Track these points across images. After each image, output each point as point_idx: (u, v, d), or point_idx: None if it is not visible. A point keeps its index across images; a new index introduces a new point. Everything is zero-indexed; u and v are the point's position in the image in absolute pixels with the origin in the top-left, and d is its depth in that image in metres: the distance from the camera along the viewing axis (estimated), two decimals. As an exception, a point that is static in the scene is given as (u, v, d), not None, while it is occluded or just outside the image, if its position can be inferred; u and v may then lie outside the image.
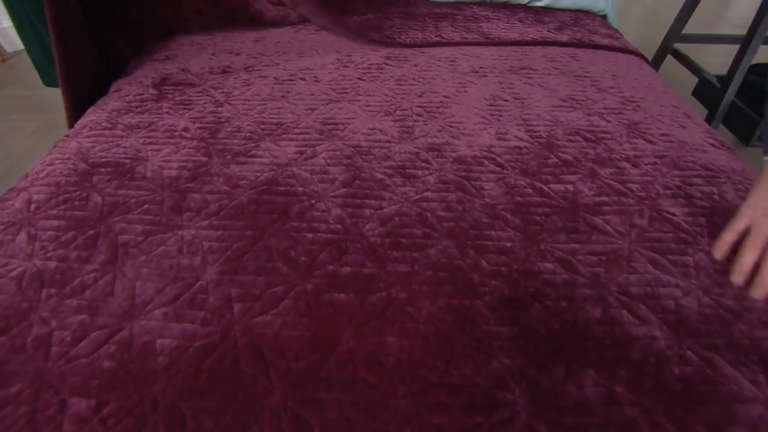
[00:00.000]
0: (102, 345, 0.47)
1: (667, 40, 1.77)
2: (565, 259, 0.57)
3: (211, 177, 0.67)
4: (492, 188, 0.66)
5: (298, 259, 0.56)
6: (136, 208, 0.62)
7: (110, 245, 0.58)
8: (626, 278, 0.55)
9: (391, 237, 0.58)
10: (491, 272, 0.55)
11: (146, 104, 0.84)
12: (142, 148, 0.73)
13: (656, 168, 0.71)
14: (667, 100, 0.88)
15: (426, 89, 0.87)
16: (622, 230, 0.61)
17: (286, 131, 0.76)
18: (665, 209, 0.64)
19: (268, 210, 0.62)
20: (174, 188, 0.65)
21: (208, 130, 0.77)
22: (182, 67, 0.95)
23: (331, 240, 0.58)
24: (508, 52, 1.01)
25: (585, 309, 0.52)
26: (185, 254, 0.57)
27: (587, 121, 0.80)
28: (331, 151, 0.72)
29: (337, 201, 0.63)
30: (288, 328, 0.49)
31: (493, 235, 0.59)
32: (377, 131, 0.76)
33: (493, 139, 0.75)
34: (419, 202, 0.63)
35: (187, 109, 0.83)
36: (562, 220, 0.62)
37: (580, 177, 0.69)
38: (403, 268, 0.55)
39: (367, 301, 0.52)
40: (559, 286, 0.54)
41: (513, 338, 0.49)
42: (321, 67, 0.95)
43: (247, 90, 0.87)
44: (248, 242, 0.58)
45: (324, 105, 0.83)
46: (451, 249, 0.57)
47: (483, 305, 0.52)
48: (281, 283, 0.53)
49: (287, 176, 0.67)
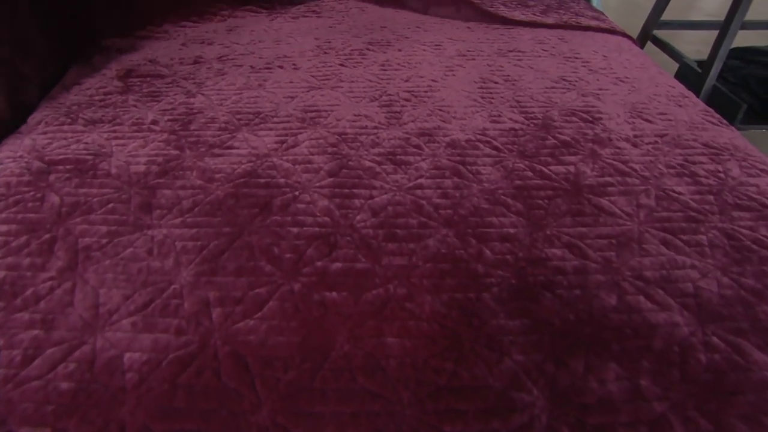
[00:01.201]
0: (59, 363, 0.41)
1: (646, 26, 1.77)
2: (574, 244, 0.53)
3: (183, 171, 0.61)
4: (490, 172, 0.61)
5: (283, 256, 0.50)
6: (99, 208, 0.56)
7: (69, 250, 0.51)
8: (639, 261, 0.52)
9: (384, 228, 0.53)
10: (496, 261, 0.51)
11: (110, 97, 0.77)
12: (106, 143, 0.67)
13: (657, 147, 0.68)
14: (662, 80, 0.85)
15: (412, 74, 0.83)
16: (630, 211, 0.57)
17: (265, 120, 0.71)
18: (671, 188, 0.61)
19: (247, 204, 0.56)
20: (142, 185, 0.59)
21: (180, 122, 0.70)
22: (150, 58, 0.88)
23: (318, 234, 0.53)
24: (495, 36, 0.97)
25: (599, 297, 0.48)
26: (156, 256, 0.51)
27: (582, 101, 0.76)
28: (315, 140, 0.66)
29: (323, 192, 0.58)
30: (274, 334, 0.44)
31: (495, 221, 0.55)
32: (363, 117, 0.71)
33: (486, 121, 0.71)
34: (413, 189, 0.58)
35: (155, 101, 0.76)
36: (566, 202, 0.58)
37: (580, 158, 0.65)
38: (400, 261, 0.50)
39: (363, 299, 0.46)
40: (570, 273, 0.50)
41: (525, 332, 0.45)
42: (300, 55, 0.89)
43: (221, 80, 0.81)
44: (226, 240, 0.52)
45: (304, 92, 0.77)
46: (451, 238, 0.53)
47: (490, 298, 0.47)
48: (265, 284, 0.48)
49: (267, 167, 0.61)
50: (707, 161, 0.66)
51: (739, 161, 0.66)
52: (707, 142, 0.70)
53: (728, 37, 1.43)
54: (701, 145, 0.69)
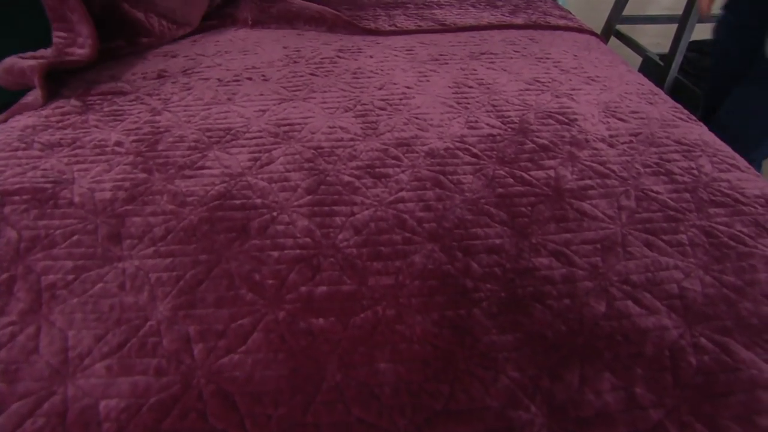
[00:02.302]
0: (25, 419, 0.38)
1: (609, 22, 1.81)
2: (560, 251, 0.53)
3: (153, 196, 0.58)
4: (471, 181, 0.61)
5: (265, 283, 0.48)
6: (63, 241, 0.52)
7: (31, 290, 0.48)
8: (625, 265, 0.52)
9: (368, 246, 0.52)
10: (484, 275, 0.50)
11: (68, 118, 0.73)
12: (67, 168, 0.63)
13: (633, 147, 0.69)
14: (631, 77, 0.87)
15: (385, 81, 0.81)
16: (612, 214, 0.58)
17: (236, 137, 0.68)
18: (649, 188, 0.62)
19: (223, 229, 0.53)
20: (109, 213, 0.56)
21: (146, 142, 0.67)
22: (110, 74, 0.84)
23: (300, 256, 0.51)
24: (466, 38, 0.97)
25: (589, 304, 0.48)
26: (129, 291, 0.48)
27: (557, 103, 0.77)
28: (290, 155, 0.64)
29: (302, 211, 0.56)
30: (261, 368, 0.42)
31: (480, 232, 0.54)
32: (338, 129, 0.69)
33: (463, 128, 0.70)
34: (394, 203, 0.57)
35: (118, 120, 0.72)
36: (549, 208, 0.58)
37: (559, 161, 0.65)
38: (387, 280, 0.49)
39: (351, 324, 0.45)
40: (559, 282, 0.50)
41: (518, 347, 0.44)
42: (268, 65, 0.86)
43: (188, 95, 0.78)
44: (204, 269, 0.49)
45: (276, 105, 0.75)
46: (437, 253, 0.52)
47: (481, 313, 0.47)
48: (248, 314, 0.45)
49: (242, 187, 0.59)
50: (681, 158, 0.67)
51: (710, 157, 0.68)
52: (679, 139, 0.71)
53: (687, 30, 1.48)
54: (674, 142, 0.70)
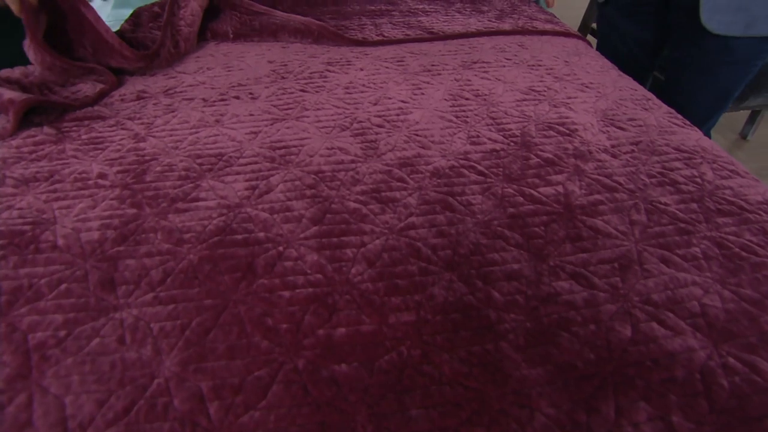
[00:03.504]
0: None
1: (585, 20, 1.83)
2: (579, 273, 0.52)
3: (146, 234, 0.54)
4: (481, 202, 0.59)
5: (279, 328, 0.45)
6: (49, 292, 0.48)
7: (18, 351, 0.43)
8: (644, 284, 0.51)
9: (384, 280, 0.49)
10: (506, 304, 0.48)
11: (42, 148, 0.68)
12: (46, 207, 0.58)
13: (635, 156, 0.68)
14: (623, 82, 0.86)
15: (380, 95, 0.79)
16: (624, 229, 0.57)
17: (230, 163, 0.64)
18: (657, 200, 0.61)
19: (227, 268, 0.50)
20: (99, 256, 0.51)
21: (132, 173, 0.62)
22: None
23: (314, 295, 0.48)
24: (455, 46, 0.95)
25: (614, 329, 0.47)
26: (130, 345, 0.44)
27: (555, 113, 0.76)
28: (289, 182, 0.61)
29: (309, 244, 0.53)
30: (286, 424, 0.39)
31: (497, 258, 0.52)
32: (337, 151, 0.66)
33: (466, 144, 0.68)
34: (406, 230, 0.55)
35: (99, 149, 0.67)
36: (562, 227, 0.57)
37: (566, 176, 0.64)
38: (408, 317, 0.46)
39: (376, 368, 0.42)
40: (582, 307, 0.49)
41: (551, 380, 0.43)
42: (255, 82, 0.83)
43: (172, 117, 0.73)
44: (211, 315, 0.46)
45: (268, 126, 0.71)
46: (456, 283, 0.50)
47: (508, 346, 0.45)
48: (264, 364, 0.42)
49: (242, 220, 0.56)
50: (683, 167, 0.67)
51: (710, 164, 0.68)
52: (678, 146, 0.71)
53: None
54: (674, 149, 0.70)
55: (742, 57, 0.89)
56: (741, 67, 0.91)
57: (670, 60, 1.00)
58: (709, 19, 0.86)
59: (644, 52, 1.05)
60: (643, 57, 1.05)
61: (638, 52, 1.05)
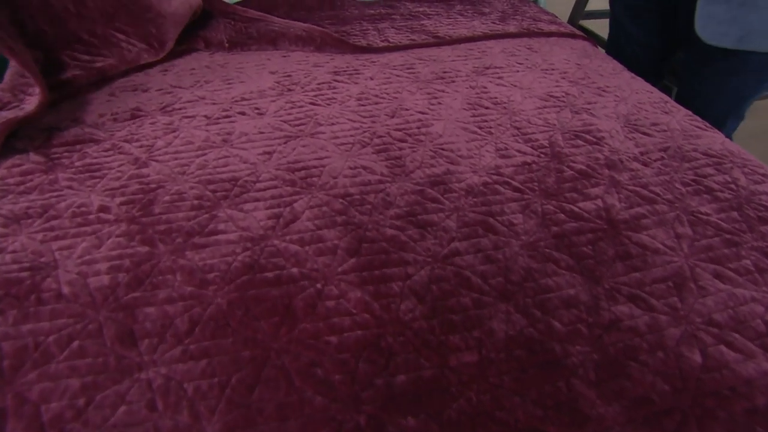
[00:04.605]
0: None
1: (573, 18, 1.82)
2: (636, 295, 0.49)
3: (163, 276, 0.48)
4: (522, 221, 0.56)
5: (332, 380, 0.40)
6: (60, 351, 0.42)
7: (31, 428, 0.37)
8: (703, 303, 0.49)
9: (437, 316, 0.45)
10: (569, 334, 0.45)
11: (31, 178, 0.61)
12: (44, 248, 0.51)
13: (666, 164, 0.66)
14: (638, 85, 0.85)
15: (396, 107, 0.74)
16: (672, 244, 0.55)
17: (246, 189, 0.59)
18: (697, 209, 0.59)
19: (263, 312, 0.45)
20: (113, 305, 0.46)
21: (138, 204, 0.56)
22: (72, 117, 0.71)
23: (364, 339, 0.43)
24: (464, 51, 0.92)
25: (683, 355, 0.44)
26: (163, 411, 0.38)
27: (579, 120, 0.73)
28: (316, 208, 0.56)
29: (350, 279, 0.48)
30: (356, 498, 0.34)
31: (551, 283, 0.49)
32: (362, 170, 0.62)
33: (495, 158, 0.65)
34: (451, 257, 0.51)
35: (96, 177, 0.61)
36: (610, 245, 0.54)
37: (603, 188, 0.61)
38: (470, 357, 0.43)
39: (446, 419, 0.38)
40: (646, 333, 0.46)
41: (630, 418, 0.40)
42: (259, 95, 0.77)
43: (174, 138, 0.67)
44: (252, 370, 0.41)
45: (282, 145, 0.66)
46: (514, 315, 0.46)
47: (580, 383, 0.42)
48: (323, 424, 0.38)
49: (270, 254, 0.51)
50: (715, 172, 0.66)
51: (740, 168, 0.67)
52: (706, 150, 0.69)
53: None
54: (702, 154, 0.69)
55: (751, 68, 0.85)
56: (752, 79, 0.88)
57: (681, 65, 0.98)
58: (702, 28, 0.82)
59: (648, 58, 1.03)
60: (648, 62, 1.03)
61: (643, 56, 1.03)
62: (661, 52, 1.02)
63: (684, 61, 0.97)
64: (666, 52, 1.02)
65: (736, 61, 0.85)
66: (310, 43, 0.88)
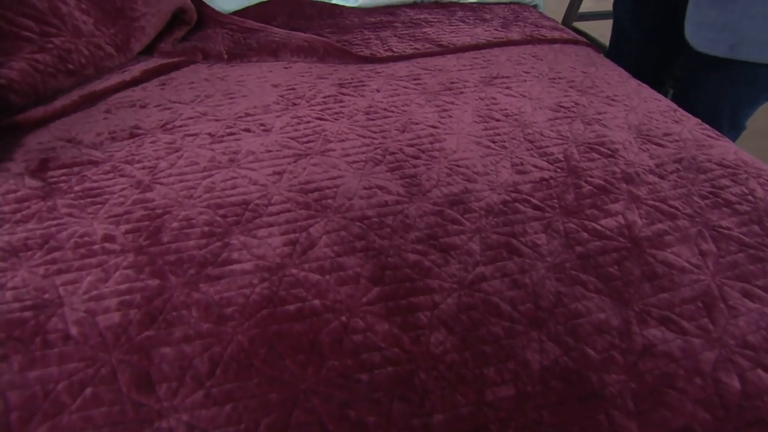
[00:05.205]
0: None
1: (566, 19, 1.83)
2: (667, 318, 0.48)
3: (177, 312, 0.46)
4: (546, 242, 0.54)
5: (367, 422, 0.38)
6: (72, 401, 0.39)
7: (50, 489, 0.35)
8: (735, 324, 0.48)
9: (469, 348, 0.44)
10: (604, 362, 0.44)
11: (28, 206, 0.57)
12: (47, 284, 0.48)
13: (682, 176, 0.66)
14: (646, 93, 0.84)
15: (405, 120, 0.73)
16: (697, 262, 0.54)
17: (258, 213, 0.56)
18: (718, 224, 0.59)
19: (287, 350, 0.43)
20: (126, 346, 0.43)
21: (144, 232, 0.54)
22: (68, 137, 0.68)
23: (396, 376, 0.41)
24: (469, 60, 0.90)
25: (721, 381, 0.43)
26: (187, 464, 0.36)
27: (592, 132, 0.72)
28: (333, 233, 0.54)
29: (375, 309, 0.46)
30: None
31: (581, 308, 0.48)
32: (377, 190, 0.60)
33: (512, 174, 0.63)
34: (477, 283, 0.49)
35: (98, 203, 0.58)
36: (635, 264, 0.53)
37: (623, 204, 0.60)
38: (507, 391, 0.41)
39: (488, 463, 0.37)
40: (681, 358, 0.45)
41: (676, 455, 0.38)
42: (264, 110, 0.74)
43: (178, 159, 0.64)
44: (281, 414, 0.39)
45: (291, 164, 0.64)
46: (547, 343, 0.45)
47: (620, 414, 0.40)
48: (359, 474, 0.36)
49: (290, 285, 0.48)
50: (731, 183, 0.65)
51: (756, 178, 0.66)
52: (720, 161, 0.69)
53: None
54: (717, 165, 0.68)
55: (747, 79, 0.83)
56: (748, 89, 0.85)
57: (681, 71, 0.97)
58: (693, 35, 0.81)
59: (649, 63, 1.02)
60: (649, 68, 1.01)
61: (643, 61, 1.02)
62: (661, 57, 1.01)
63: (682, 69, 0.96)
64: (667, 58, 1.02)
65: (731, 70, 0.83)
66: (313, 54, 0.86)
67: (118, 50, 0.83)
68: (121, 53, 0.83)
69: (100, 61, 0.81)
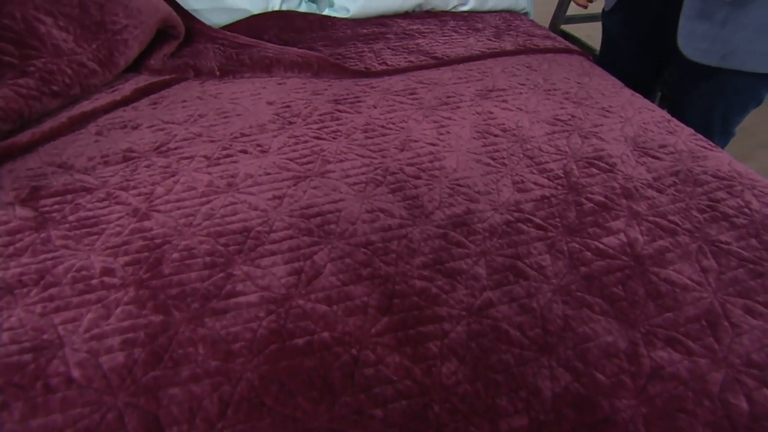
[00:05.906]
0: None
1: (554, 22, 1.84)
2: (673, 338, 0.48)
3: (184, 349, 0.45)
4: (550, 263, 0.54)
5: (382, 462, 0.38)
6: (79, 449, 0.38)
7: None
8: (739, 343, 0.49)
9: (481, 378, 0.44)
10: (614, 387, 0.44)
11: (21, 237, 0.56)
12: (45, 323, 0.47)
13: (679, 189, 0.67)
14: (639, 103, 0.85)
15: (404, 138, 0.72)
16: (699, 279, 0.54)
17: (260, 241, 0.56)
18: (717, 239, 0.59)
19: (299, 387, 0.42)
20: (132, 388, 0.42)
21: (144, 264, 0.52)
22: (58, 162, 0.66)
23: (409, 410, 0.41)
24: (464, 72, 0.90)
25: (729, 402, 0.44)
26: None
27: (589, 146, 0.73)
28: (338, 260, 0.53)
29: (385, 341, 0.46)
30: None
31: (588, 332, 0.48)
32: (380, 214, 0.59)
33: (513, 192, 0.63)
34: (485, 310, 0.49)
35: (94, 233, 0.56)
36: (639, 284, 0.53)
37: (624, 221, 0.60)
38: (520, 420, 0.41)
39: (506, 499, 0.37)
40: (688, 380, 0.45)
41: (689, 481, 0.39)
42: (259, 130, 0.73)
43: (175, 183, 0.63)
44: (295, 456, 0.38)
45: (291, 187, 0.63)
46: (557, 369, 0.45)
47: (633, 444, 0.41)
48: None
49: (297, 317, 0.48)
50: (727, 196, 0.66)
51: (750, 190, 0.68)
52: (715, 173, 0.70)
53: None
54: (712, 177, 0.69)
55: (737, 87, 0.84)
56: (738, 98, 0.86)
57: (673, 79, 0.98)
58: (685, 45, 0.82)
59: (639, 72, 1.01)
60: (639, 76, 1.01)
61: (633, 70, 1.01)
62: (651, 66, 1.02)
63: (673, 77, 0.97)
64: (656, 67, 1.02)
65: (722, 79, 0.84)
66: (307, 69, 0.85)
67: (102, 66, 0.81)
68: (105, 69, 0.81)
69: (84, 79, 0.79)
